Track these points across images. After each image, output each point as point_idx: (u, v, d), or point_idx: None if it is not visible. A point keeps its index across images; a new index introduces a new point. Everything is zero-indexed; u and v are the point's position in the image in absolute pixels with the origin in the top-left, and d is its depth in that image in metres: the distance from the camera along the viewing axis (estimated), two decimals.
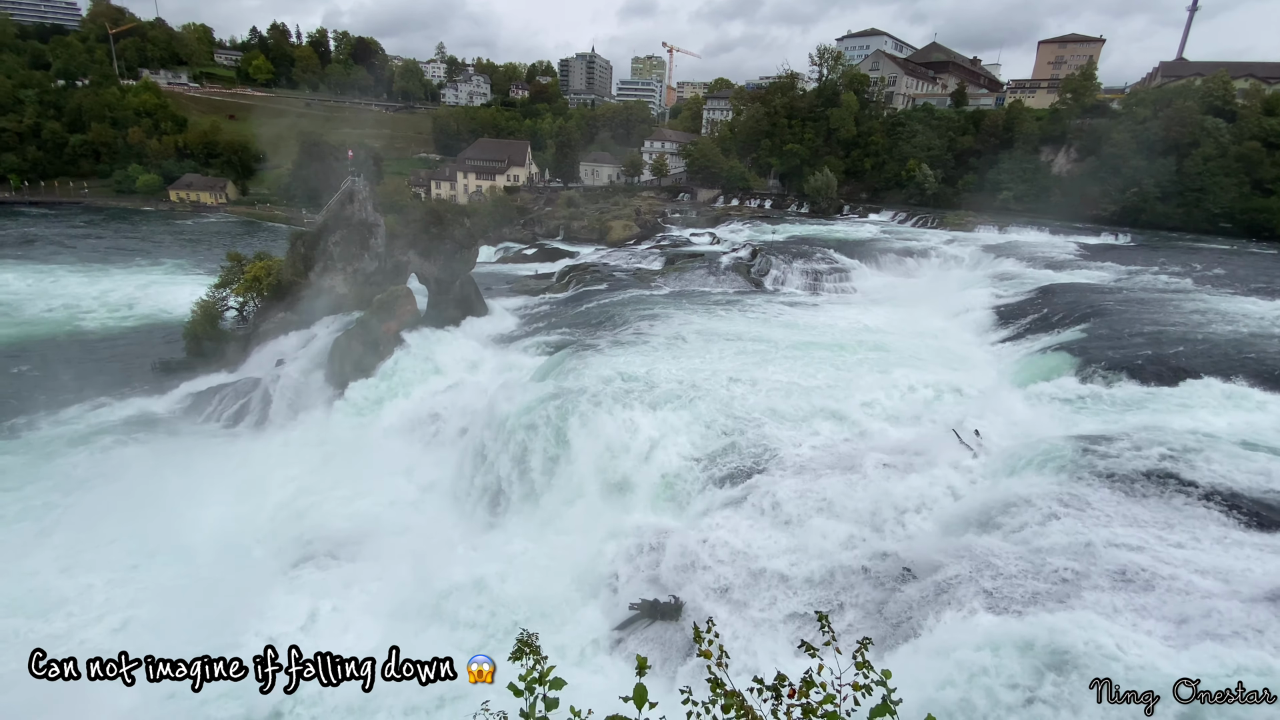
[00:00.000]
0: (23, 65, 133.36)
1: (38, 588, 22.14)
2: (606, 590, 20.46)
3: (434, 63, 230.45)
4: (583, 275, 53.62)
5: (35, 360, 43.78)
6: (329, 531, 24.94)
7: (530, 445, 24.45)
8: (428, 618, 19.89)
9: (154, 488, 27.77)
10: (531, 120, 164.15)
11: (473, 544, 23.30)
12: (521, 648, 4.03)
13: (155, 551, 23.93)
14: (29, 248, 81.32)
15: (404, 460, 29.08)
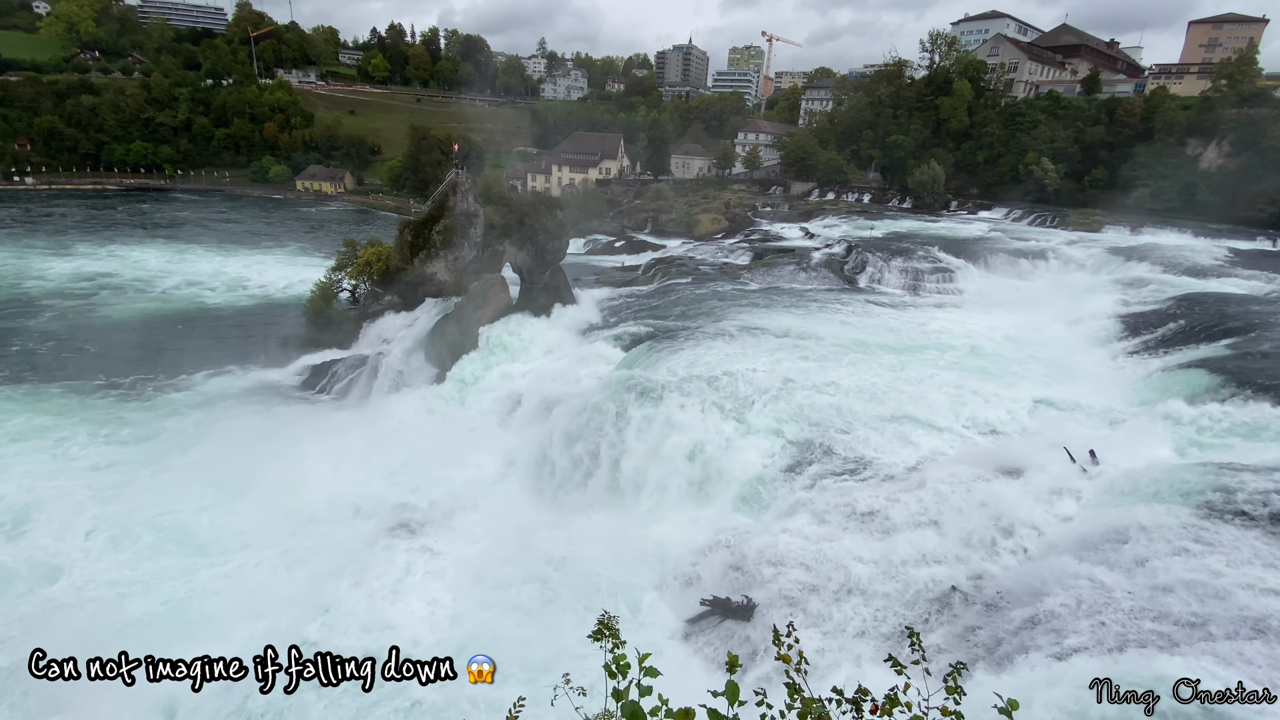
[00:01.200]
0: (178, 66, 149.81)
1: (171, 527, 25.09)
2: (679, 583, 20.53)
3: (535, 58, 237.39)
4: (668, 268, 53.68)
5: (168, 331, 49.45)
6: (419, 501, 26.60)
7: (611, 434, 24.86)
8: (502, 590, 20.78)
9: (270, 449, 30.72)
10: (625, 113, 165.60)
11: (550, 524, 24.03)
12: (601, 629, 4.11)
13: (270, 507, 26.43)
14: (177, 229, 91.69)
15: (490, 439, 30.44)
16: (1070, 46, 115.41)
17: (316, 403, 37.12)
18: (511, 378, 34.00)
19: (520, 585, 20.58)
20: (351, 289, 47.30)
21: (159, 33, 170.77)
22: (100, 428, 33.18)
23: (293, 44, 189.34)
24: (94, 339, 46.42)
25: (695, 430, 23.89)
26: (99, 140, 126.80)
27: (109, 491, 27.43)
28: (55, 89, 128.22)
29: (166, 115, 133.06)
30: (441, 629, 19.72)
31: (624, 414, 24.98)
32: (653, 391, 25.42)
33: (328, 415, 35.28)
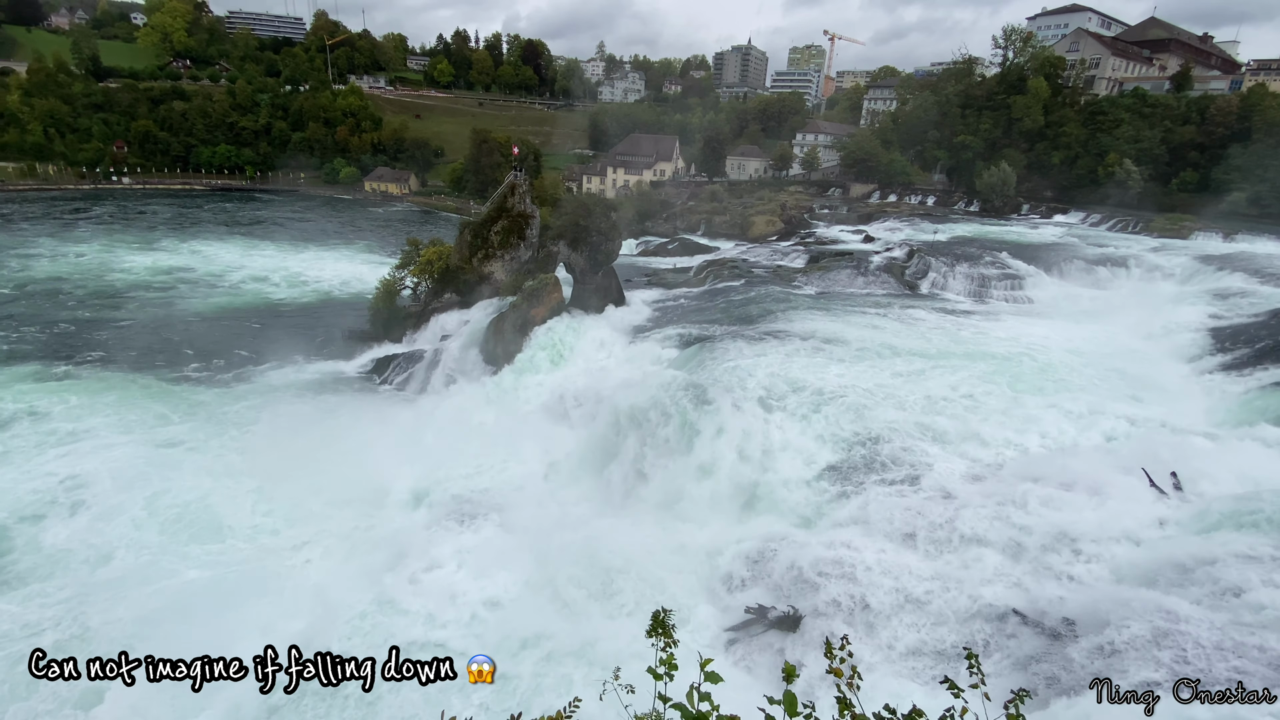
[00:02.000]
0: (260, 73, 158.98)
1: (235, 507, 26.57)
2: (722, 589, 20.32)
3: (594, 61, 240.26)
4: (720, 270, 53.26)
5: (240, 323, 52.45)
6: (471, 491, 27.31)
7: (659, 435, 24.84)
8: (547, 583, 21.05)
9: (333, 435, 32.32)
10: (682, 115, 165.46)
11: (594, 522, 24.22)
12: (656, 625, 4.06)
13: (332, 490, 27.77)
14: (255, 227, 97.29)
15: (540, 435, 30.93)
16: (1158, 41, 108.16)
17: (379, 394, 38.65)
18: (562, 376, 34.47)
19: (564, 580, 20.81)
20: (414, 286, 48.98)
21: (244, 42, 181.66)
22: (173, 410, 35.53)
23: (364, 51, 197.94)
24: (171, 329, 49.75)
25: (745, 433, 23.59)
26: (188, 143, 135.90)
27: (174, 469, 29.24)
28: (150, 95, 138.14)
29: (249, 120, 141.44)
30: (487, 618, 20.16)
31: (671, 415, 24.92)
32: (702, 394, 25.26)
33: (389, 406, 36.69)
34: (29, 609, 20.89)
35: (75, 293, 58.34)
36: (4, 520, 25.15)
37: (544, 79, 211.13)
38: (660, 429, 24.88)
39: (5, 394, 35.64)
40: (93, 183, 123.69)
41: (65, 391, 36.85)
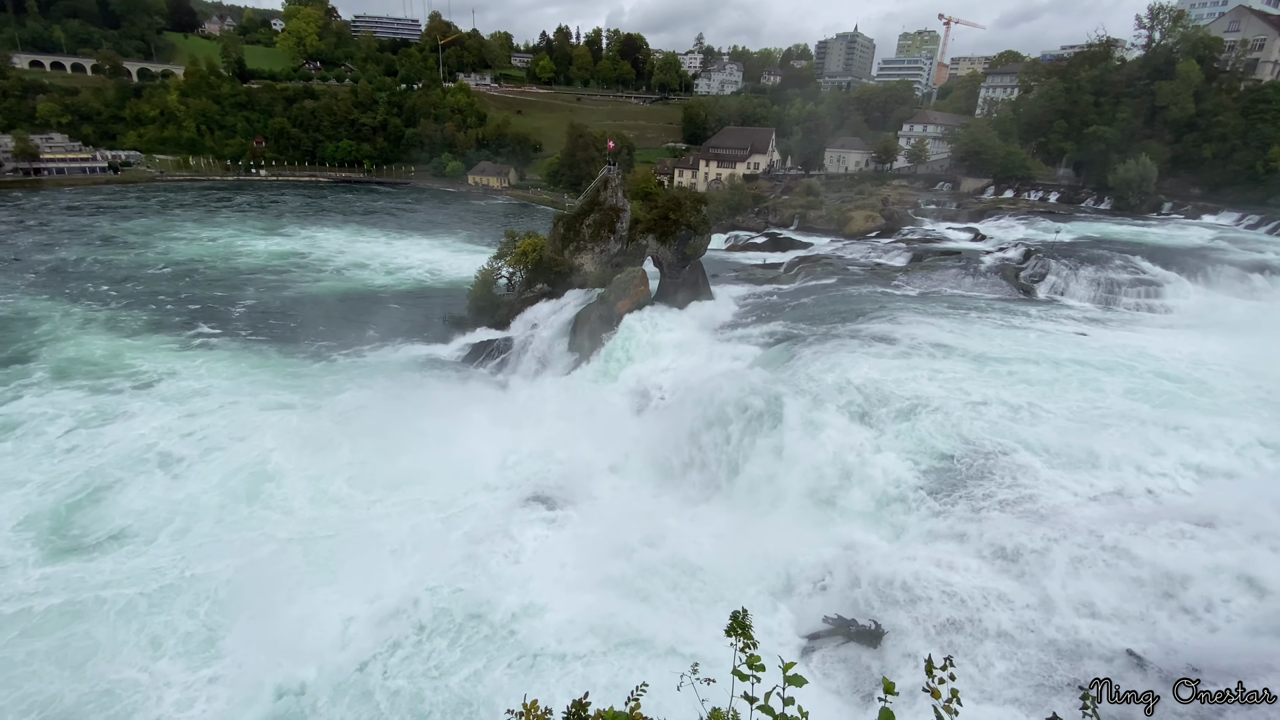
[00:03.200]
0: (380, 73, 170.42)
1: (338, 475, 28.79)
2: (801, 595, 19.82)
3: (691, 54, 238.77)
4: (813, 267, 51.55)
5: (349, 305, 56.50)
6: (553, 477, 28.21)
7: (739, 435, 24.50)
8: (620, 571, 21.38)
9: (429, 414, 34.40)
10: (779, 107, 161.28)
11: (674, 515, 24.28)
12: (735, 625, 4.01)
13: (425, 465, 29.55)
14: (368, 217, 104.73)
15: (621, 426, 31.35)
16: None
17: (471, 377, 40.61)
18: (645, 369, 34.70)
19: (638, 570, 21.06)
20: (509, 276, 50.93)
21: (366, 44, 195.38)
22: (284, 381, 39.32)
23: (473, 50, 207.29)
24: (286, 310, 54.70)
25: (830, 437, 22.80)
26: (316, 139, 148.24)
27: (280, 434, 32.26)
28: (286, 95, 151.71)
29: (368, 117, 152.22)
30: (562, 598, 20.81)
31: (755, 414, 24.48)
32: (787, 393, 24.63)
33: (479, 389, 38.48)
34: (137, 558, 23.67)
35: (208, 273, 65.55)
36: (125, 471, 28.86)
37: (641, 73, 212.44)
38: (741, 428, 24.53)
39: (151, 357, 42.03)
40: (235, 175, 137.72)
41: (196, 359, 42.43)
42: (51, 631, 19.97)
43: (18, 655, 19.00)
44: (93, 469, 28.90)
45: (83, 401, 35.31)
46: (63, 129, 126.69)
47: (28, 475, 28.25)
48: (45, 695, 17.80)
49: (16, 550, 23.67)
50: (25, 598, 21.32)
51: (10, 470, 28.64)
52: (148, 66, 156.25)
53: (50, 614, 20.67)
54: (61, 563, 23.17)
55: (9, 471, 28.52)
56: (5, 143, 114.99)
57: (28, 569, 22.75)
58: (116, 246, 74.43)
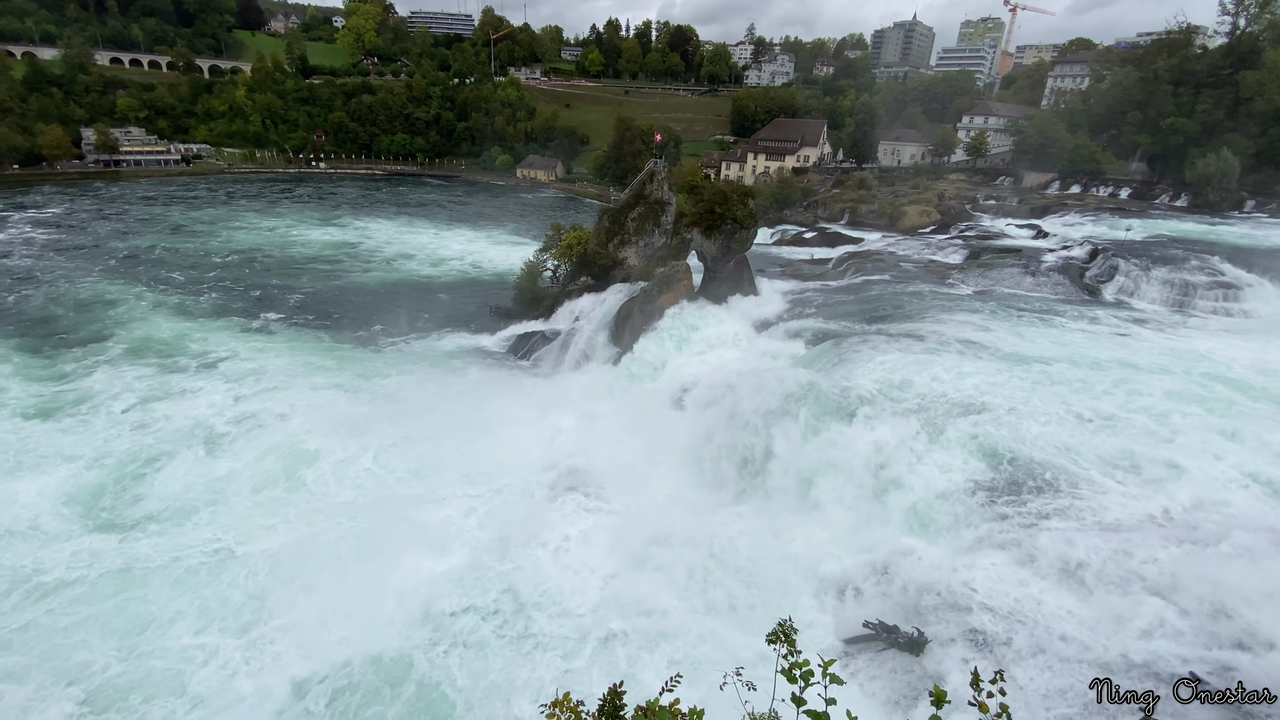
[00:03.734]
0: (434, 68, 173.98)
1: (386, 457, 29.68)
2: (840, 599, 19.39)
3: (741, 45, 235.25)
4: (863, 264, 50.24)
5: (398, 295, 57.99)
6: (591, 466, 28.43)
7: (781, 431, 24.09)
8: (654, 562, 21.44)
9: (474, 400, 35.32)
10: (832, 98, 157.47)
11: (711, 510, 24.12)
12: (779, 633, 3.94)
13: (470, 448, 30.36)
14: (419, 209, 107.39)
15: (659, 419, 31.31)
16: None
17: (515, 368, 41.26)
18: (685, 363, 34.54)
19: (674, 564, 21.05)
20: (554, 269, 51.45)
21: (421, 39, 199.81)
22: (337, 365, 41.05)
23: (524, 44, 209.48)
24: (338, 298, 56.78)
25: (876, 439, 22.19)
26: (372, 132, 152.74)
27: (330, 416, 33.68)
28: (345, 90, 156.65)
29: (422, 111, 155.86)
30: (596, 587, 21.06)
31: (796, 412, 24.04)
32: (831, 392, 24.09)
33: (522, 379, 39.07)
34: (182, 533, 24.88)
35: (265, 261, 68.57)
36: (177, 445, 30.62)
37: (690, 65, 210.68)
38: (783, 426, 24.11)
39: (214, 339, 44.75)
40: (297, 167, 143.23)
41: (255, 341, 44.85)
42: (97, 602, 21.10)
43: (62, 623, 20.11)
44: (145, 444, 30.70)
45: (148, 379, 37.74)
46: (140, 123, 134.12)
47: (83, 450, 30.09)
48: (91, 662, 18.85)
49: (64, 523, 25.03)
50: (71, 569, 22.56)
51: (68, 444, 30.60)
52: (218, 63, 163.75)
53: (97, 584, 21.89)
54: (104, 536, 24.44)
55: (67, 446, 30.45)
56: (88, 136, 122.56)
57: (73, 541, 24.01)
58: (185, 235, 78.53)
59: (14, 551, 23.24)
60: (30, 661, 18.83)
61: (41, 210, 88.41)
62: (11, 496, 26.26)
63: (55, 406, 34.22)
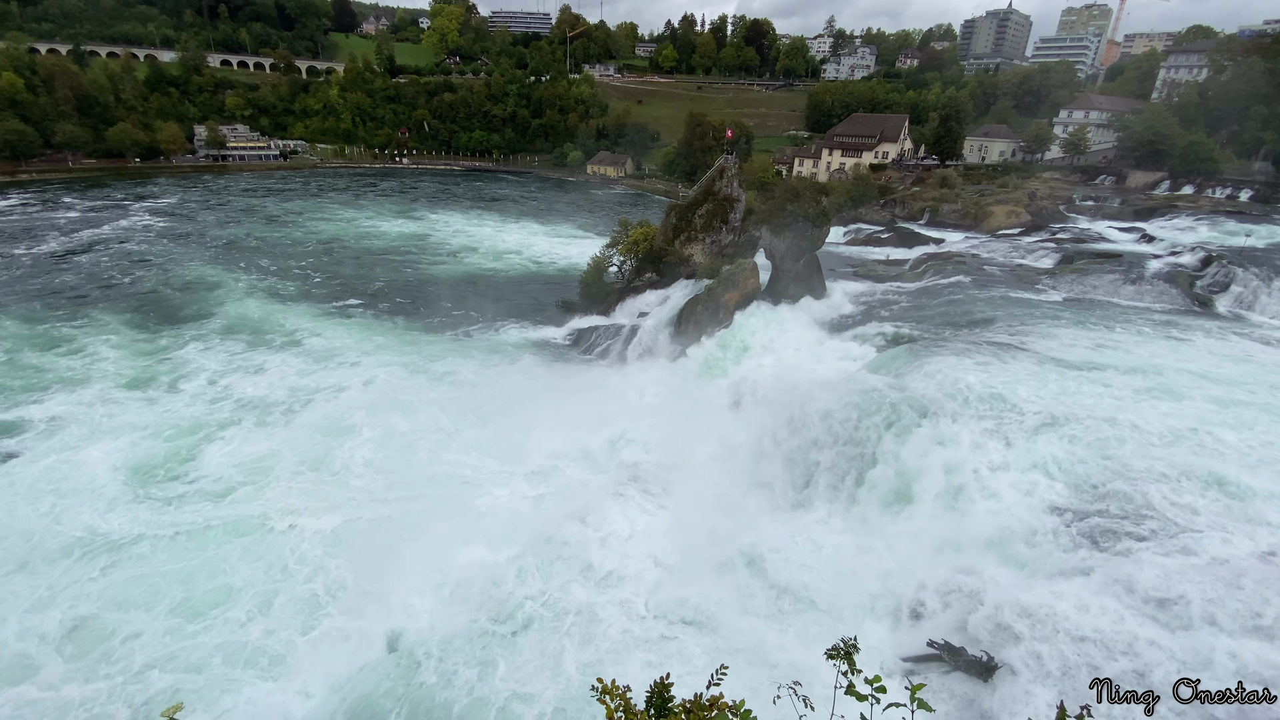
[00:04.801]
0: (511, 66, 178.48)
1: (449, 441, 30.65)
2: (905, 615, 18.49)
3: (820, 38, 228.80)
4: (942, 265, 47.76)
5: (467, 286, 59.98)
6: (648, 463, 28.40)
7: (846, 439, 23.20)
8: (707, 564, 21.16)
9: (536, 391, 36.23)
10: (915, 92, 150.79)
11: (769, 515, 23.54)
12: (840, 650, 3.73)
13: (531, 438, 31.03)
14: (492, 203, 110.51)
15: (719, 419, 30.86)
16: None
17: (579, 361, 41.77)
18: (749, 363, 33.87)
19: (727, 566, 20.72)
20: (619, 264, 51.71)
21: (501, 39, 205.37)
22: (408, 350, 43.40)
23: (599, 41, 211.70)
24: (410, 287, 59.43)
25: (948, 451, 20.99)
26: (452, 129, 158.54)
27: (406, 399, 35.27)
28: (428, 88, 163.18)
29: (499, 108, 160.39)
30: (648, 583, 21.01)
31: (863, 418, 23.07)
32: (902, 400, 22.98)
33: (585, 372, 39.49)
34: (242, 505, 26.38)
35: (344, 251, 72.56)
36: (247, 414, 33.15)
37: (766, 59, 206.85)
38: (848, 433, 23.21)
39: (300, 322, 48.26)
40: (382, 163, 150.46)
41: (335, 326, 47.99)
42: (155, 570, 22.62)
43: (137, 592, 21.69)
44: (214, 416, 33.26)
45: (235, 355, 41.37)
46: (245, 120, 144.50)
47: (149, 420, 32.63)
48: (156, 632, 20.23)
49: (118, 489, 26.99)
50: (132, 534, 24.35)
51: (146, 413, 33.31)
52: (315, 64, 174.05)
53: (155, 550, 23.54)
54: (154, 504, 26.23)
55: (144, 415, 33.14)
56: (200, 132, 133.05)
57: (126, 510, 25.80)
58: (278, 225, 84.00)
59: (75, 511, 25.38)
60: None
61: (157, 200, 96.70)
62: (82, 460, 28.67)
63: (147, 377, 37.67)
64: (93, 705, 17.73)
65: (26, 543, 23.42)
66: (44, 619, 20.34)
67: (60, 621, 20.26)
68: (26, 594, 21.37)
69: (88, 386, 35.76)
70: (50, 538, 23.74)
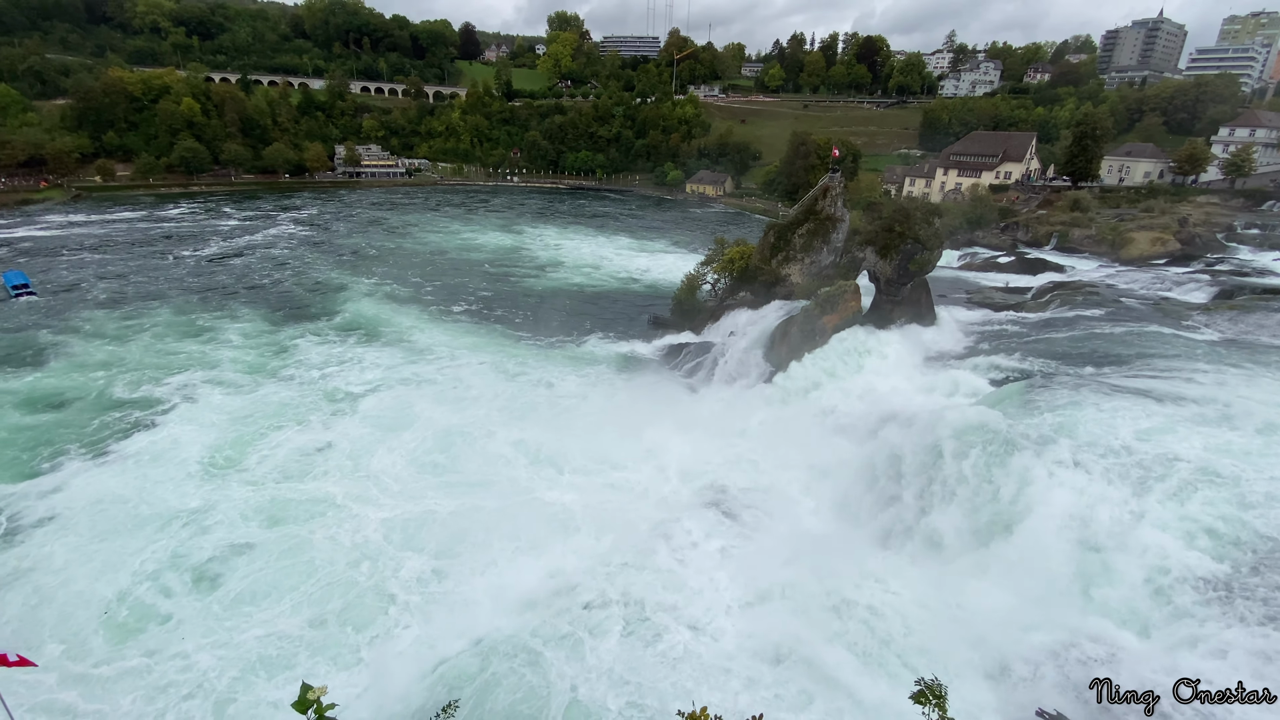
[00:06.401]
0: (619, 89, 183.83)
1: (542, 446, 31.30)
2: (1012, 677, 16.70)
3: (939, 53, 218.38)
4: (1071, 296, 43.43)
5: (564, 300, 61.72)
6: (734, 487, 27.67)
7: (954, 478, 21.41)
8: (790, 598, 20.19)
9: (625, 404, 36.69)
10: (1045, 108, 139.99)
11: (862, 553, 22.13)
12: (924, 692, 3.26)
13: (618, 448, 31.41)
14: (592, 219, 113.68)
15: (811, 447, 29.51)
16: None
17: (666, 377, 41.66)
18: (844, 389, 32.23)
19: (808, 600, 19.69)
20: (713, 283, 51.30)
21: (610, 62, 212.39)
22: (499, 352, 46.02)
23: (705, 62, 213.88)
24: (511, 296, 62.30)
25: (1071, 500, 18.87)
26: (559, 149, 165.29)
27: (495, 403, 36.94)
28: (540, 111, 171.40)
29: (604, 129, 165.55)
30: (728, 612, 20.39)
31: (974, 456, 21.22)
32: (1019, 440, 20.96)
33: (673, 389, 39.28)
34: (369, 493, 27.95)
35: (444, 261, 77.11)
36: (343, 405, 36.06)
37: (878, 76, 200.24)
38: (957, 472, 21.42)
39: (413, 322, 52.41)
40: (494, 181, 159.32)
41: (440, 328, 51.62)
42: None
43: (269, 578, 23.58)
44: (309, 399, 36.79)
45: (345, 349, 45.56)
46: (377, 140, 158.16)
47: (241, 405, 36.03)
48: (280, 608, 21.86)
49: (199, 466, 29.84)
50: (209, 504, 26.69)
51: (241, 400, 36.80)
52: (440, 89, 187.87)
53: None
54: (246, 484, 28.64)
55: (237, 401, 36.55)
56: (339, 152, 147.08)
57: (208, 486, 28.36)
58: (397, 235, 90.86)
59: (157, 483, 28.35)
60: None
61: (299, 212, 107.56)
62: (175, 438, 32.04)
63: (260, 364, 42.32)
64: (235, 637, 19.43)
65: (132, 510, 26.43)
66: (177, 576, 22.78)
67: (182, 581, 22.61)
68: (157, 550, 23.98)
69: (211, 370, 40.70)
70: (144, 506, 26.75)
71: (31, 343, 43.58)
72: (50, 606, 21.22)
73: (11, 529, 25.09)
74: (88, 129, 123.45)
